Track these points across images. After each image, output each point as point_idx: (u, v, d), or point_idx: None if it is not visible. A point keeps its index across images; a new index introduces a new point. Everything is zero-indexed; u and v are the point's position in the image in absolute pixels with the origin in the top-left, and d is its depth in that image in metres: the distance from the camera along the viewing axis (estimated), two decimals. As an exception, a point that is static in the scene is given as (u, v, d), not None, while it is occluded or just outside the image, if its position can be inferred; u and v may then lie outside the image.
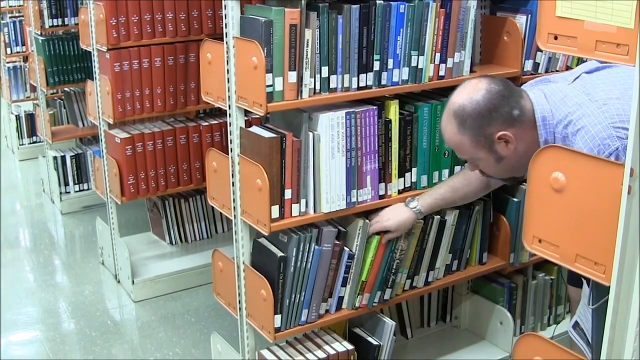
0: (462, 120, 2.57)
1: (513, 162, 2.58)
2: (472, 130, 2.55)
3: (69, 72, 5.95)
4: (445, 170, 3.43)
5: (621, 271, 1.51)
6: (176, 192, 4.85)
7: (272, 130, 3.07)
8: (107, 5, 4.24)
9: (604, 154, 2.10)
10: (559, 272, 4.01)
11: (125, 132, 4.54)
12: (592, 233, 1.61)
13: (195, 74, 4.39)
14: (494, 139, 2.52)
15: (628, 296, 1.53)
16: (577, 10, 1.53)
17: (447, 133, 2.67)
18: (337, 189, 3.13)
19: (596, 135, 2.16)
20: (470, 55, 3.42)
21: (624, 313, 1.54)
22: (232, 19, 3.06)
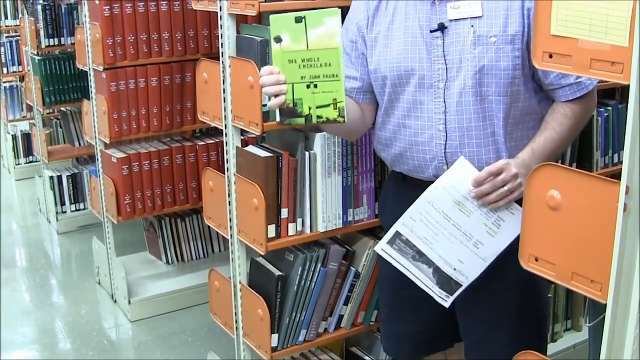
0: None
1: None
2: None
3: (65, 91, 5.95)
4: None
5: (617, 289, 1.51)
6: (172, 211, 4.85)
7: (268, 149, 3.08)
8: (104, 25, 4.25)
9: None
10: (555, 290, 4.00)
11: (122, 151, 4.54)
12: (588, 251, 1.61)
13: (192, 93, 4.40)
14: None
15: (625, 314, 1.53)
16: (571, 29, 1.54)
17: None
18: (334, 207, 3.14)
19: None
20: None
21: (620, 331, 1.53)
22: (228, 38, 3.08)
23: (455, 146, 2.41)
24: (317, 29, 2.27)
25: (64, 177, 6.32)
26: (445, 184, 2.33)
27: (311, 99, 2.31)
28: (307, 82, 2.30)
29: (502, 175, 2.29)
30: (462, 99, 2.38)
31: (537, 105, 2.43)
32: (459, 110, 2.39)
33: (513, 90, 2.35)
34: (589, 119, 2.52)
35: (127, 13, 4.29)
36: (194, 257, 5.25)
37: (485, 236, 2.34)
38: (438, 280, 2.41)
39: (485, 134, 2.40)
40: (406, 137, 2.52)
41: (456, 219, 2.34)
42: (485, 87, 2.36)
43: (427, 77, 2.43)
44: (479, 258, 2.35)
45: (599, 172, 3.62)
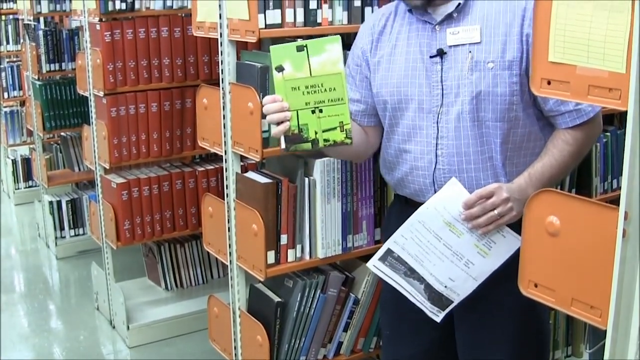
0: None
1: None
2: None
3: (65, 116, 5.96)
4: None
5: (617, 315, 1.51)
6: (172, 237, 4.85)
7: (267, 175, 3.08)
8: (104, 50, 4.27)
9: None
10: (555, 316, 4.00)
11: (122, 177, 4.54)
12: (587, 277, 1.61)
13: (192, 119, 4.40)
14: None
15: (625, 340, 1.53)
16: (569, 56, 1.54)
17: None
18: (333, 234, 3.14)
19: None
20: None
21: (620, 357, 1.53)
22: (228, 64, 3.09)
23: (454, 171, 2.42)
24: (320, 56, 2.29)
25: (64, 202, 6.32)
26: (436, 205, 2.33)
27: (317, 123, 2.33)
28: (312, 107, 2.32)
29: (493, 199, 2.28)
30: (460, 124, 2.39)
31: (540, 132, 2.43)
32: (457, 135, 2.40)
33: (511, 116, 2.35)
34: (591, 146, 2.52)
35: (127, 39, 4.31)
36: (193, 283, 5.24)
37: (476, 257, 2.34)
38: (429, 296, 2.41)
39: (484, 159, 2.41)
40: (407, 161, 2.53)
41: (447, 239, 2.34)
42: (482, 112, 2.36)
43: (426, 102, 2.45)
44: (470, 277, 2.35)
45: (598, 198, 3.62)
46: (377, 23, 2.62)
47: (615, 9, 1.45)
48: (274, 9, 2.95)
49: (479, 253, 2.33)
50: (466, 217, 2.31)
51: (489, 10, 2.37)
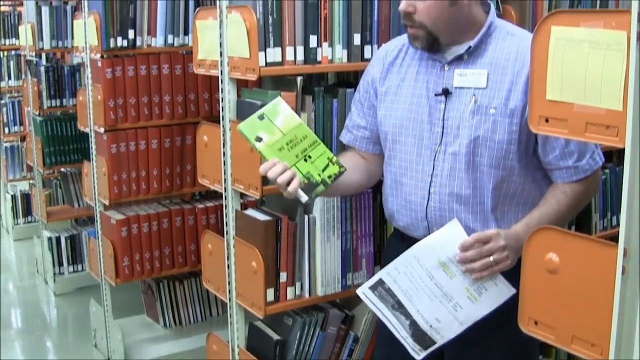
0: None
1: (457, 15, 2.38)
2: None
3: (66, 152, 5.97)
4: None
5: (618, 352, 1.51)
6: (171, 274, 4.83)
7: (267, 213, 3.09)
8: (105, 87, 4.29)
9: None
10: (556, 354, 3.98)
11: (121, 213, 4.54)
12: (587, 314, 1.61)
13: (192, 156, 4.41)
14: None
15: (625, 380, 1.53)
16: (567, 94, 1.56)
17: None
18: (333, 271, 3.14)
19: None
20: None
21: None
22: (229, 102, 3.10)
23: (445, 210, 2.44)
24: (279, 117, 2.44)
25: (63, 238, 6.31)
26: (434, 243, 2.33)
27: (314, 168, 2.42)
28: (302, 157, 2.43)
29: (490, 245, 2.27)
30: (455, 165, 2.40)
31: (535, 183, 2.44)
32: (451, 175, 2.42)
33: (506, 164, 2.36)
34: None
35: (129, 76, 4.33)
36: (192, 320, 5.21)
37: (465, 300, 2.33)
38: (413, 333, 2.40)
39: (474, 202, 2.42)
40: (400, 194, 2.55)
41: (439, 279, 2.33)
42: (478, 157, 2.37)
43: (425, 139, 2.46)
44: (457, 321, 2.34)
45: (598, 235, 3.62)
46: (390, 53, 2.65)
47: (611, 48, 1.46)
48: (275, 47, 2.96)
49: (469, 297, 2.32)
50: (461, 259, 2.29)
51: (500, 56, 2.37)
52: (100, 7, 4.22)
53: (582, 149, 2.33)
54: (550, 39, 1.58)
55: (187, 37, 4.43)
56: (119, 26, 4.29)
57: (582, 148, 2.34)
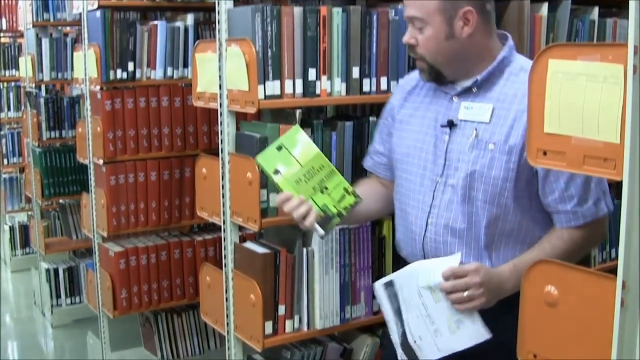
0: None
1: (457, 49, 2.36)
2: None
3: (64, 184, 5.96)
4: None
5: (618, 385, 1.50)
6: (169, 306, 4.81)
7: (266, 245, 3.08)
8: (105, 118, 4.30)
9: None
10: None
11: (119, 245, 4.53)
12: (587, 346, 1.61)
13: (190, 188, 4.41)
14: (457, 12, 2.32)
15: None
16: (564, 126, 1.56)
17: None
18: (331, 304, 3.13)
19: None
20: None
21: None
22: (228, 135, 3.11)
23: (439, 242, 2.42)
24: (297, 147, 2.46)
25: (61, 269, 6.29)
26: (430, 266, 2.33)
27: (330, 199, 2.45)
28: (319, 189, 2.45)
29: (466, 279, 2.25)
30: (453, 198, 2.39)
31: (532, 224, 2.38)
32: (449, 208, 2.40)
33: (501, 201, 2.32)
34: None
35: (128, 108, 4.34)
36: (189, 353, 5.19)
37: (445, 329, 2.32)
38: (402, 342, 2.42)
39: (469, 238, 2.39)
40: (405, 223, 2.55)
41: (426, 300, 2.33)
42: (474, 191, 2.35)
43: (428, 170, 2.45)
44: (435, 346, 2.34)
45: (597, 268, 3.62)
46: (409, 82, 2.65)
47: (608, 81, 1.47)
48: (274, 80, 2.98)
49: (449, 327, 2.31)
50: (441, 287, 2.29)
51: (508, 91, 2.34)
52: (100, 39, 4.24)
53: (583, 193, 2.27)
54: (547, 72, 1.59)
55: (187, 70, 4.45)
56: (118, 58, 4.30)
57: (583, 193, 2.27)
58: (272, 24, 2.95)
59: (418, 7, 2.37)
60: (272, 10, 2.95)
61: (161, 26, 4.39)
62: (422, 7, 2.36)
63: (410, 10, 2.40)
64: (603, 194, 2.31)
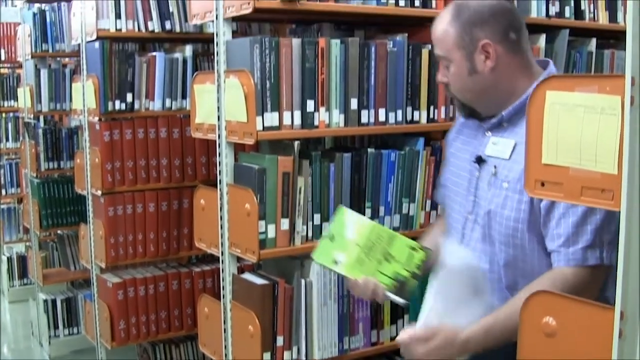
0: (459, 12, 2.30)
1: (482, 84, 2.29)
2: (463, 25, 2.28)
3: (62, 215, 5.95)
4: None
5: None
6: (167, 337, 4.80)
7: (264, 277, 3.08)
8: (103, 150, 4.30)
9: None
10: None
11: (118, 276, 4.52)
12: (586, 378, 1.60)
13: (189, 219, 4.41)
14: (477, 46, 2.26)
15: None
16: (562, 157, 1.56)
17: (438, 21, 2.36)
18: (329, 335, 3.12)
19: None
20: (461, 202, 3.46)
21: None
22: (226, 166, 3.11)
23: None
24: (348, 229, 2.44)
25: (59, 300, 6.26)
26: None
27: (398, 265, 2.40)
28: (384, 259, 2.40)
29: (415, 347, 2.18)
30: (477, 236, 2.33)
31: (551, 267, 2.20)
32: (473, 247, 2.34)
33: (515, 243, 2.22)
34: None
35: (126, 139, 4.35)
36: (187, 384, 5.17)
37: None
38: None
39: (492, 277, 2.30)
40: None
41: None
42: (492, 230, 2.27)
43: (462, 205, 2.41)
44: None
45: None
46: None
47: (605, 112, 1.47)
48: (272, 112, 2.99)
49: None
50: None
51: None
52: (99, 70, 4.26)
53: (573, 234, 2.08)
54: (545, 104, 1.60)
55: (185, 101, 4.45)
56: (117, 89, 4.31)
57: (573, 233, 2.09)
58: (270, 56, 2.96)
59: (440, 45, 2.35)
60: (271, 41, 2.97)
61: (160, 57, 4.41)
62: (443, 44, 2.33)
63: (435, 49, 2.38)
64: (602, 244, 2.09)
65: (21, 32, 6.24)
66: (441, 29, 2.33)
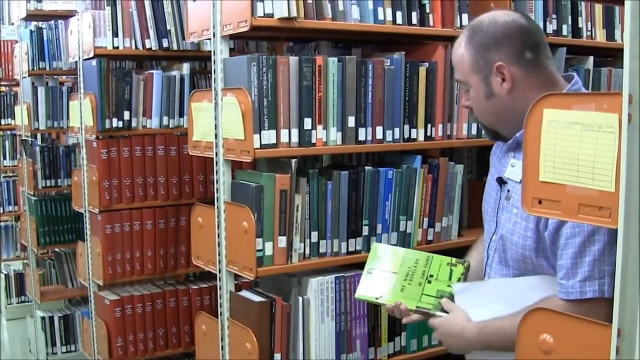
0: (473, 34, 2.28)
1: (501, 106, 2.25)
2: (477, 48, 2.26)
3: (60, 232, 5.94)
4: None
5: None
6: (165, 355, 4.78)
7: (261, 294, 3.08)
8: (101, 167, 4.30)
9: None
10: None
11: (115, 294, 4.52)
12: (583, 395, 1.60)
13: (186, 237, 4.40)
14: (492, 69, 2.23)
15: None
16: (559, 175, 1.56)
17: (456, 45, 2.35)
18: (327, 353, 3.11)
19: None
20: (457, 219, 3.47)
21: None
22: (224, 184, 3.12)
23: None
24: (383, 261, 2.56)
25: (56, 318, 6.25)
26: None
27: (441, 283, 2.46)
28: (426, 281, 2.46)
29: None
30: (496, 257, 2.32)
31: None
32: (494, 268, 2.34)
33: (527, 267, 2.20)
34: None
35: (124, 156, 4.35)
36: (185, 402, 5.16)
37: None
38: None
39: None
40: None
41: None
42: (506, 254, 2.26)
43: (489, 225, 2.39)
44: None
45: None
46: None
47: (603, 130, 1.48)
48: (269, 130, 2.99)
49: None
50: None
51: None
52: (96, 88, 4.26)
53: (571, 266, 2.03)
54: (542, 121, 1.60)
55: (182, 119, 4.46)
56: (114, 107, 4.32)
57: (572, 265, 2.03)
58: (267, 74, 2.97)
59: (458, 70, 2.34)
60: (268, 59, 2.97)
61: (157, 75, 4.41)
62: (460, 69, 2.32)
63: (455, 74, 2.40)
64: (602, 276, 2.00)
65: (18, 50, 6.26)
66: (458, 54, 2.32)
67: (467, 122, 3.50)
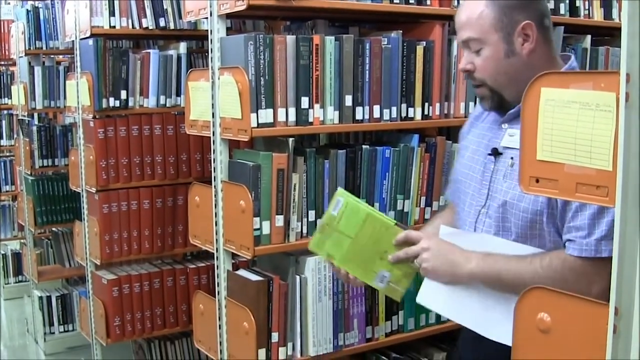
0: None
1: (519, 66, 2.23)
2: (501, 7, 2.22)
3: (57, 212, 5.94)
4: (432, 313, 3.43)
5: (612, 415, 1.50)
6: (162, 334, 4.80)
7: (259, 273, 3.08)
8: (98, 147, 4.30)
9: None
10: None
11: (112, 273, 4.52)
12: (580, 374, 1.61)
13: (183, 216, 4.40)
14: (516, 28, 2.20)
15: None
16: (557, 154, 1.56)
17: (469, 4, 2.30)
18: (324, 332, 3.12)
19: None
20: (455, 198, 3.47)
21: None
22: (221, 163, 3.11)
23: None
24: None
25: (54, 297, 6.26)
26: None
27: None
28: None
29: (415, 247, 2.32)
30: (490, 230, 2.28)
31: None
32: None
33: (534, 234, 2.17)
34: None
35: (121, 136, 4.34)
36: (182, 381, 5.17)
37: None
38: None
39: None
40: None
41: None
42: (507, 223, 2.23)
43: (474, 198, 2.36)
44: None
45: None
46: (478, 108, 2.54)
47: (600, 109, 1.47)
48: (266, 109, 2.98)
49: None
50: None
51: None
52: (93, 67, 4.25)
53: (589, 226, 2.03)
54: (540, 100, 1.59)
55: (179, 98, 4.45)
56: (111, 87, 4.31)
57: (589, 226, 2.03)
58: (265, 53, 2.96)
59: (473, 28, 2.27)
60: (265, 39, 2.96)
61: (154, 54, 4.41)
62: (477, 27, 2.26)
63: (465, 33, 2.29)
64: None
65: (15, 29, 6.23)
66: (476, 11, 2.26)
67: (464, 101, 3.49)
